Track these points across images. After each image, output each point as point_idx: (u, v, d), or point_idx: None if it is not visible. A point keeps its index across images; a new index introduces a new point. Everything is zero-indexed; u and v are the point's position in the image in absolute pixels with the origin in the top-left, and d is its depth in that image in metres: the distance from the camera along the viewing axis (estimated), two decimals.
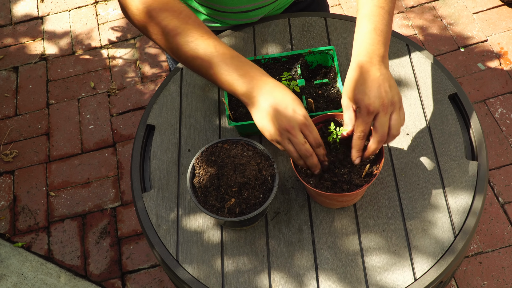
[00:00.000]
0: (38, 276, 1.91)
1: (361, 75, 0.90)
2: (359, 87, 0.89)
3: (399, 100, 0.91)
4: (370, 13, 0.95)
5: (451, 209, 1.00)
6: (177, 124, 1.16)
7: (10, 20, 2.68)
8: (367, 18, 0.95)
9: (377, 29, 0.93)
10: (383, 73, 0.90)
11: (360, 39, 0.94)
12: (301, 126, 0.89)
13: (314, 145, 0.91)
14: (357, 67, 0.91)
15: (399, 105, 0.91)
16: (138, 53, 2.49)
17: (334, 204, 1.00)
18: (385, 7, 0.96)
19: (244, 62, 0.93)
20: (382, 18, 0.95)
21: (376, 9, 0.95)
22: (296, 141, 0.89)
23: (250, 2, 1.19)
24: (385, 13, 0.95)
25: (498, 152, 2.01)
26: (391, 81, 0.91)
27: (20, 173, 2.18)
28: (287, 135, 0.89)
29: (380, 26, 0.94)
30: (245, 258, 0.99)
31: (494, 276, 1.78)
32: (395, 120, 0.90)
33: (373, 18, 0.94)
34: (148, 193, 1.08)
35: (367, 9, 0.96)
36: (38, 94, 2.40)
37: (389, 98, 0.89)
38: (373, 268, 0.95)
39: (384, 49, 0.93)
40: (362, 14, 0.96)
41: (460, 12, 2.40)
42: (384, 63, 0.92)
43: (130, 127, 2.26)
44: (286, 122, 0.88)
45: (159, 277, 1.89)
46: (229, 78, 0.92)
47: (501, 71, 2.21)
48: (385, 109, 0.89)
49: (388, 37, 0.95)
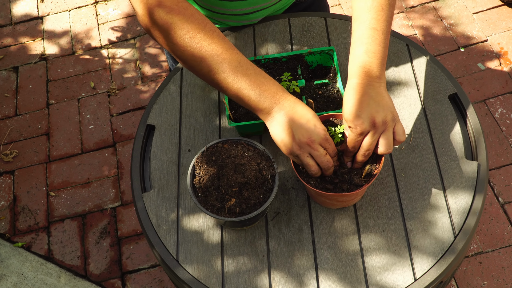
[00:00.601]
0: (38, 276, 1.92)
1: (353, 96, 0.91)
2: (349, 109, 0.91)
3: (392, 119, 0.91)
4: (362, 35, 0.96)
5: (451, 209, 1.00)
6: (177, 124, 1.16)
7: (10, 20, 2.68)
8: (360, 41, 0.95)
9: (369, 51, 0.94)
10: (377, 93, 0.91)
11: (353, 62, 0.95)
12: (322, 141, 0.91)
13: (332, 155, 0.94)
14: (351, 89, 0.92)
15: (392, 124, 0.92)
16: (138, 53, 2.49)
17: (334, 204, 1.00)
18: (378, 28, 0.96)
19: (263, 76, 0.93)
20: (375, 39, 0.95)
21: (368, 31, 0.95)
22: (317, 154, 0.91)
23: (251, 5, 1.19)
24: (379, 34, 0.95)
25: (498, 152, 2.01)
26: (385, 100, 0.91)
27: (20, 173, 2.18)
28: (307, 149, 0.91)
29: (372, 48, 0.94)
30: (245, 258, 0.99)
31: (494, 276, 1.78)
32: (385, 139, 0.92)
33: (365, 41, 0.95)
34: (148, 193, 1.08)
35: (360, 32, 0.96)
36: (38, 94, 2.40)
37: (381, 118, 0.90)
38: (373, 268, 0.95)
39: (377, 69, 0.93)
40: (355, 37, 0.97)
41: (460, 12, 2.40)
42: (379, 82, 0.93)
43: (130, 127, 2.26)
44: (307, 136, 0.90)
45: (159, 277, 1.89)
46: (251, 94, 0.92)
47: (501, 71, 2.21)
48: (376, 129, 0.91)
49: (383, 57, 0.95)
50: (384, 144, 0.92)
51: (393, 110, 0.92)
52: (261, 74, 0.94)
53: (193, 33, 0.93)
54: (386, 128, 0.91)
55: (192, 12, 0.94)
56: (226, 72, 0.92)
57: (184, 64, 0.96)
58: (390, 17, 0.98)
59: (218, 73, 0.93)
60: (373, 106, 0.90)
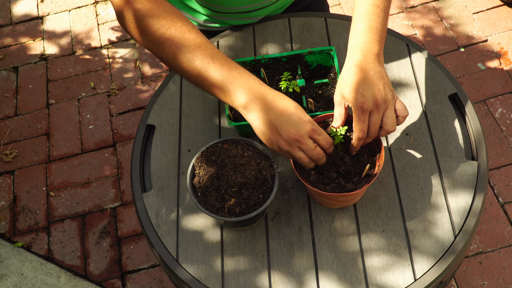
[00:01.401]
0: (38, 276, 1.91)
1: (355, 73, 0.90)
2: (353, 86, 0.90)
3: (392, 97, 0.91)
4: (365, 11, 0.96)
5: (451, 209, 1.00)
6: (177, 124, 1.16)
7: (10, 20, 2.68)
8: (362, 17, 0.95)
9: (372, 27, 0.94)
10: (377, 71, 0.91)
11: (355, 37, 0.95)
12: (310, 133, 0.90)
13: (326, 146, 0.92)
14: (352, 65, 0.91)
15: (392, 102, 0.91)
16: (138, 53, 2.49)
17: (334, 204, 1.00)
18: (381, 6, 0.96)
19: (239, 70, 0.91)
20: (377, 16, 0.95)
21: (371, 7, 0.96)
22: (306, 148, 0.90)
23: (251, 3, 1.19)
24: (381, 12, 0.96)
25: (498, 152, 2.01)
26: (385, 79, 0.91)
27: (20, 173, 2.18)
28: (297, 144, 0.90)
29: (375, 25, 0.94)
30: (245, 258, 0.99)
31: (494, 276, 1.78)
32: (389, 118, 0.91)
33: (368, 17, 0.95)
34: (148, 193, 1.08)
35: (362, 8, 0.96)
36: (38, 94, 2.40)
37: (382, 96, 0.90)
38: (373, 268, 0.95)
39: (379, 46, 0.94)
40: (357, 13, 0.97)
41: (460, 12, 2.40)
42: (379, 61, 0.93)
43: (130, 127, 2.26)
44: (294, 132, 0.88)
45: (159, 277, 1.89)
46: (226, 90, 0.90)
47: (501, 71, 2.21)
48: (378, 108, 0.90)
49: (384, 35, 0.96)
50: (388, 123, 0.91)
51: (392, 89, 0.92)
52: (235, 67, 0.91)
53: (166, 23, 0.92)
54: (387, 106, 0.91)
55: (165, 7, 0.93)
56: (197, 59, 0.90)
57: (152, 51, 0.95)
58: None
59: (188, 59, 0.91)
60: (375, 84, 0.89)
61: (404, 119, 0.93)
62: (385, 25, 0.97)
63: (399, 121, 0.94)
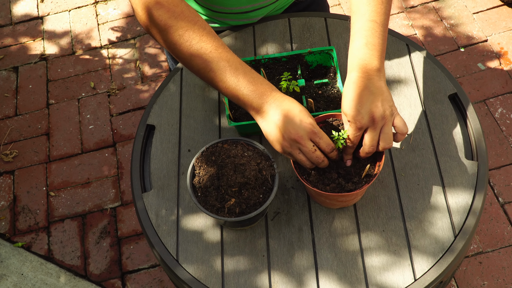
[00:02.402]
0: (38, 276, 1.91)
1: (353, 91, 0.91)
2: (349, 103, 0.90)
3: (391, 113, 0.92)
4: (362, 28, 0.96)
5: (451, 209, 1.00)
6: (177, 124, 1.16)
7: (10, 20, 2.68)
8: (359, 34, 0.95)
9: (369, 43, 0.94)
10: (376, 87, 0.91)
11: (353, 55, 0.95)
12: (310, 134, 0.90)
13: (327, 150, 0.93)
14: (350, 83, 0.92)
15: (391, 118, 0.92)
16: (138, 53, 2.49)
17: (334, 204, 1.00)
18: (377, 20, 0.96)
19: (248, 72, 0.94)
20: (375, 31, 0.95)
21: (368, 23, 0.96)
22: (306, 150, 0.91)
23: (250, 3, 1.19)
24: (378, 26, 0.96)
25: (498, 152, 2.01)
26: (384, 94, 0.91)
27: (20, 173, 2.18)
28: (297, 145, 0.91)
29: (372, 41, 0.94)
30: (245, 258, 0.99)
31: (494, 276, 1.78)
32: (385, 134, 0.92)
33: (365, 33, 0.95)
34: (148, 193, 1.08)
35: (359, 24, 0.96)
36: (38, 94, 2.40)
37: (380, 113, 0.90)
38: (373, 268, 0.95)
39: (378, 61, 0.93)
40: (355, 29, 0.97)
41: (460, 12, 2.40)
42: (379, 76, 0.93)
43: (130, 127, 2.26)
44: (294, 132, 0.90)
45: (159, 277, 1.89)
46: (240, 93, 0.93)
47: (501, 71, 2.21)
48: (375, 124, 0.90)
49: (383, 49, 0.95)
50: (384, 139, 0.92)
51: (392, 104, 0.92)
52: (250, 72, 0.94)
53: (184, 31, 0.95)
54: (385, 122, 0.91)
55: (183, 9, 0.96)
56: (219, 70, 0.93)
57: (180, 61, 0.99)
58: (389, 10, 0.99)
59: (212, 71, 0.94)
60: (372, 101, 0.90)
61: (403, 136, 0.94)
62: (384, 39, 0.96)
63: (397, 138, 0.94)
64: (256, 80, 0.93)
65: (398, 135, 0.94)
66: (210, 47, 0.94)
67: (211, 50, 0.94)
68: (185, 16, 0.95)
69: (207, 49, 0.94)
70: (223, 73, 0.93)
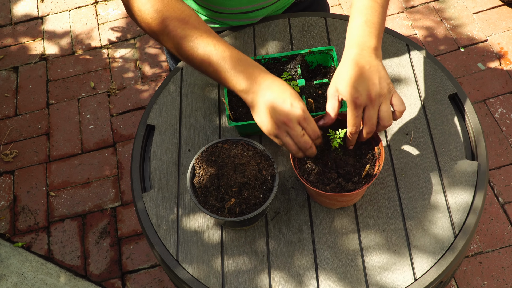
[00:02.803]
0: (38, 276, 1.91)
1: (351, 68, 0.91)
2: (347, 80, 0.90)
3: (388, 91, 0.91)
4: (362, 6, 0.97)
5: (451, 209, 1.00)
6: (177, 124, 1.16)
7: (10, 20, 2.68)
8: (360, 11, 0.96)
9: (369, 21, 0.95)
10: (374, 65, 0.91)
11: (352, 32, 0.95)
12: (299, 119, 0.90)
13: (313, 137, 0.93)
14: (348, 59, 0.92)
15: (389, 96, 0.92)
16: (138, 53, 2.49)
17: (334, 204, 1.00)
18: (378, 1, 0.97)
19: (243, 59, 0.94)
20: (375, 10, 0.96)
21: (369, 2, 0.97)
22: (294, 134, 0.90)
23: (250, 3, 1.19)
24: (378, 6, 0.97)
25: (498, 152, 2.01)
26: (381, 73, 0.91)
27: (20, 173, 2.18)
28: (285, 128, 0.90)
29: (371, 19, 0.95)
30: (245, 258, 0.99)
31: (494, 276, 1.78)
32: (384, 112, 0.91)
33: (365, 11, 0.96)
34: (148, 193, 1.08)
35: (360, 3, 0.97)
36: (38, 94, 2.40)
37: (377, 90, 0.90)
38: (373, 268, 0.95)
39: (376, 40, 0.94)
40: (355, 7, 0.98)
41: (460, 12, 2.40)
42: (376, 55, 0.93)
43: (130, 127, 2.26)
44: (284, 115, 0.89)
45: (159, 277, 1.89)
46: (228, 75, 0.93)
47: (501, 71, 2.21)
48: (373, 102, 0.90)
49: (381, 29, 0.96)
50: (384, 117, 0.91)
51: (389, 82, 0.92)
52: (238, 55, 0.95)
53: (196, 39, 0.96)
54: (383, 101, 0.91)
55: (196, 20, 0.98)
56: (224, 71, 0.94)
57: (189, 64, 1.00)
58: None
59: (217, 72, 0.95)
60: (370, 79, 0.90)
61: (401, 114, 0.93)
62: (383, 19, 0.97)
63: (395, 116, 0.94)
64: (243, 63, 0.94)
65: (396, 112, 0.93)
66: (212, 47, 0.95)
67: (212, 49, 0.94)
68: (189, 22, 0.96)
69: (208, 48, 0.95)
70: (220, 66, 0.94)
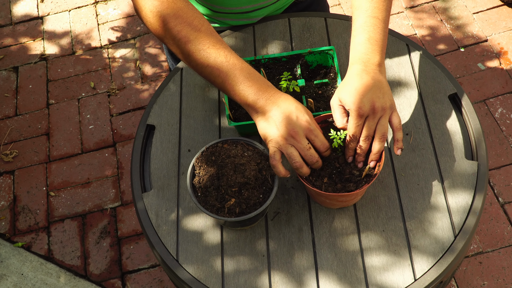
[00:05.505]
0: (38, 276, 1.91)
1: (355, 80, 0.92)
2: (352, 91, 0.91)
3: (390, 107, 0.93)
4: (364, 23, 0.97)
5: (451, 209, 1.00)
6: (177, 124, 1.16)
7: (10, 20, 2.68)
8: (362, 29, 0.97)
9: (371, 38, 0.96)
10: (378, 80, 0.92)
11: (355, 49, 0.97)
12: (306, 131, 0.90)
13: (322, 149, 0.93)
14: (352, 74, 0.93)
15: (389, 111, 0.93)
16: (138, 53, 2.49)
17: (334, 204, 1.00)
18: (379, 16, 0.98)
19: (253, 73, 0.94)
20: (376, 27, 0.97)
21: (370, 19, 0.97)
22: (300, 147, 0.90)
23: (250, 3, 1.19)
24: (380, 22, 0.98)
25: (498, 152, 2.01)
26: (385, 88, 0.93)
27: (20, 173, 2.18)
28: (291, 141, 0.90)
29: (374, 36, 0.96)
30: (245, 258, 0.99)
31: (494, 276, 1.78)
32: (382, 125, 0.92)
33: (367, 28, 0.97)
34: (148, 193, 1.08)
35: (361, 20, 0.98)
36: (38, 94, 2.40)
37: (380, 103, 0.91)
38: (373, 268, 0.95)
39: (380, 56, 0.95)
40: (357, 25, 0.99)
41: (460, 12, 2.40)
42: (380, 71, 0.94)
43: (130, 127, 2.26)
44: (290, 128, 0.89)
45: (159, 277, 1.89)
46: (238, 88, 0.93)
47: (501, 71, 2.21)
48: (375, 113, 0.91)
49: (384, 45, 0.97)
50: (380, 130, 0.92)
51: (392, 99, 0.93)
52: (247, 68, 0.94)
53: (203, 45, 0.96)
54: (383, 114, 0.92)
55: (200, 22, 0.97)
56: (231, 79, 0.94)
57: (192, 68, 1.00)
58: (390, 7, 1.01)
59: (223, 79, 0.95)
60: (375, 92, 0.91)
61: (397, 133, 0.94)
62: (385, 35, 0.98)
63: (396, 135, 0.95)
64: (252, 77, 0.94)
65: (395, 131, 0.94)
66: (223, 57, 0.94)
67: (223, 60, 0.94)
68: (202, 31, 0.96)
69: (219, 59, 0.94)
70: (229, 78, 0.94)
